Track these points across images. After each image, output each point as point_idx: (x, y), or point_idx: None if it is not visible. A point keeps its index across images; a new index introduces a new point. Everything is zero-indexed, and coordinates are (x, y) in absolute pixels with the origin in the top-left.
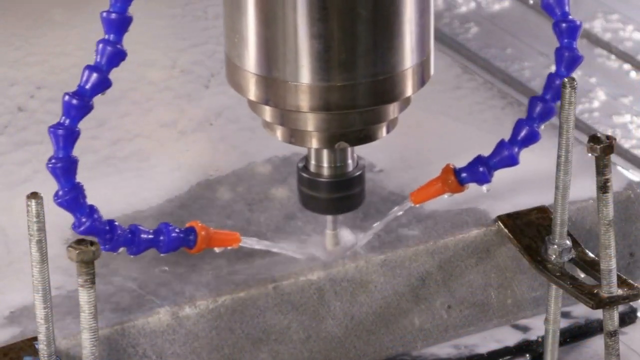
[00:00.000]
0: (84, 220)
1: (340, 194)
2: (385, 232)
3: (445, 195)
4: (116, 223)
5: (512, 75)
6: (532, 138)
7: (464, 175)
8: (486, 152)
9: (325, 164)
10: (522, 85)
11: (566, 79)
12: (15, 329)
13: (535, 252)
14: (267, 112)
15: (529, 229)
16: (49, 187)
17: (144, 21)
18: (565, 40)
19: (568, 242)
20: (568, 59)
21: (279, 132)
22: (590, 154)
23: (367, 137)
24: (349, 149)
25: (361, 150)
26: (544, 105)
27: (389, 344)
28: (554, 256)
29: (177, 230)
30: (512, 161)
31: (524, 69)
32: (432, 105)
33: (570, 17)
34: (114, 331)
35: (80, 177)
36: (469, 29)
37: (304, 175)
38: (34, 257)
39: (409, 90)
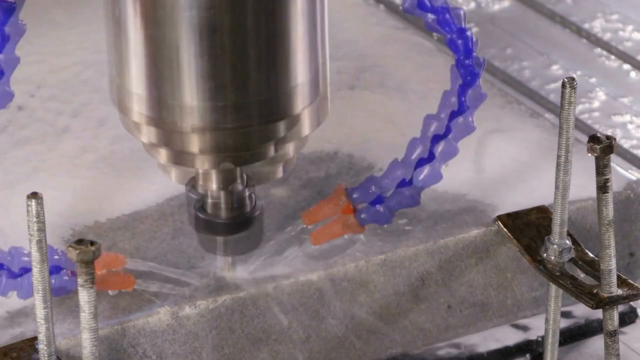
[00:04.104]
0: None
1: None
2: (386, 232)
3: (335, 216)
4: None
5: (512, 75)
6: (428, 159)
7: (355, 195)
8: (486, 151)
9: (214, 186)
10: (522, 85)
11: (566, 79)
12: (15, 329)
13: (535, 252)
14: (152, 133)
15: (528, 228)
16: (49, 186)
17: None
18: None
19: (568, 242)
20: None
21: (162, 153)
22: (590, 154)
23: (253, 157)
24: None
25: (361, 150)
26: (439, 124)
27: (389, 344)
28: (554, 256)
29: (68, 273)
30: (406, 182)
31: (524, 68)
32: (432, 105)
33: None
34: (114, 331)
35: (80, 177)
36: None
37: (194, 197)
38: (34, 257)
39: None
